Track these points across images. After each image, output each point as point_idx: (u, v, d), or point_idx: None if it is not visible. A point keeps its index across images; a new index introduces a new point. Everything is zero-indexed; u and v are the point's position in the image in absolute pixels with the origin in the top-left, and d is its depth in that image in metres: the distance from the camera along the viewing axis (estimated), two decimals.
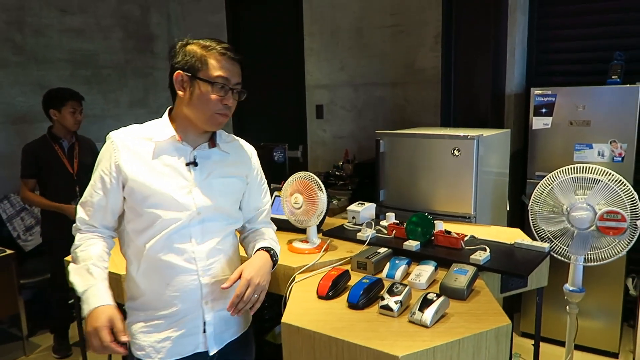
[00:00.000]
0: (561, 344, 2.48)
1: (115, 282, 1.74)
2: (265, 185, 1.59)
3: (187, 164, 1.34)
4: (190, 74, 1.29)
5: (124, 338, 1.20)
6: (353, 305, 1.40)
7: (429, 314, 1.28)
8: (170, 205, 1.30)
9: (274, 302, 2.54)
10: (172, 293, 1.33)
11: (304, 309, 1.42)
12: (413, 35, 3.50)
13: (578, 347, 2.84)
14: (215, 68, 1.29)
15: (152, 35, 4.55)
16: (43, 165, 2.88)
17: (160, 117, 1.39)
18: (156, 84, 4.59)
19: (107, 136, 1.33)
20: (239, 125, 4.51)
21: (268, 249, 1.44)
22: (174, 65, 1.31)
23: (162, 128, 1.34)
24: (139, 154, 1.30)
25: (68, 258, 1.96)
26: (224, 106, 1.31)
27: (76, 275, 1.28)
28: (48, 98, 2.90)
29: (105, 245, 1.35)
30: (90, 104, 4.03)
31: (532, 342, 2.14)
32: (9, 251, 2.95)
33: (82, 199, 1.34)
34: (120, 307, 1.74)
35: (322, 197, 1.81)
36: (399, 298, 1.36)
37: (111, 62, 4.22)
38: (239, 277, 1.32)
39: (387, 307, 1.35)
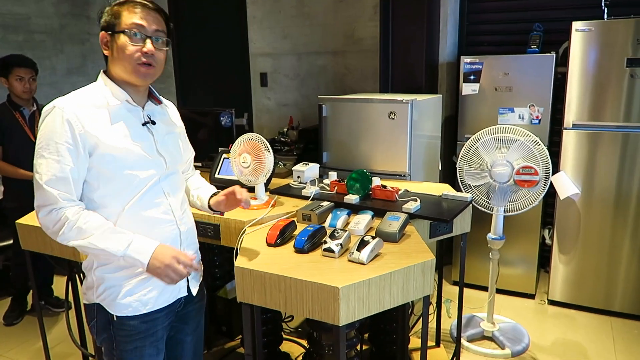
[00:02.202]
0: (486, 289, 2.78)
1: None
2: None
3: (144, 124, 1.39)
4: (110, 32, 1.32)
5: (195, 257, 1.40)
6: (299, 249, 1.56)
7: (365, 253, 1.46)
8: (144, 164, 1.36)
9: (224, 260, 2.68)
10: None
11: (254, 255, 1.55)
12: (353, 5, 3.63)
13: (500, 291, 3.19)
14: (129, 17, 1.31)
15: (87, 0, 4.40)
16: (5, 132, 2.83)
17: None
18: (94, 51, 4.46)
19: (54, 107, 1.28)
20: (184, 92, 4.50)
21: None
22: (100, 29, 1.35)
23: (112, 92, 1.35)
24: (99, 121, 1.30)
25: (21, 221, 1.99)
26: (143, 55, 1.31)
27: (106, 241, 1.28)
28: None
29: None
30: None
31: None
32: None
33: (50, 177, 1.27)
34: (71, 264, 1.80)
35: (269, 156, 1.94)
36: (340, 241, 1.53)
37: (45, 27, 4.06)
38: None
39: (329, 250, 1.52)
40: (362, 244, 1.49)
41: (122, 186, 1.34)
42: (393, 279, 1.41)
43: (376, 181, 2.09)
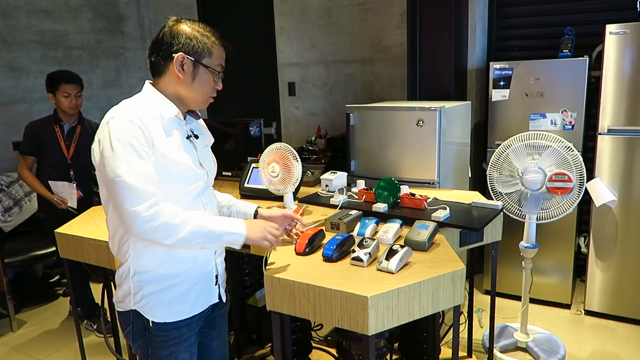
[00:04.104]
0: (519, 298, 2.72)
1: (105, 249, 1.87)
2: None
3: (188, 137, 1.45)
4: (193, 59, 1.38)
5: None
6: (327, 258, 1.56)
7: (394, 262, 1.45)
8: (190, 176, 1.41)
9: (254, 269, 2.70)
10: (192, 254, 1.44)
11: (284, 264, 1.56)
12: (380, 13, 3.64)
13: (534, 301, 3.11)
14: (219, 58, 1.43)
15: (121, 16, 4.55)
16: (42, 145, 2.91)
17: (134, 94, 1.43)
18: (128, 65, 4.61)
19: (117, 117, 1.30)
20: (214, 103, 4.58)
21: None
22: (174, 47, 1.37)
23: (165, 106, 1.39)
24: (156, 131, 1.34)
25: (60, 230, 2.07)
26: (215, 90, 1.47)
27: (207, 224, 1.37)
28: (46, 81, 2.90)
29: None
30: None
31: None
32: None
33: (138, 176, 1.27)
34: (106, 272, 1.86)
35: (297, 165, 1.96)
36: (368, 250, 1.53)
37: (81, 42, 4.22)
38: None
39: (357, 259, 1.52)
40: (391, 252, 1.49)
41: (172, 197, 1.36)
42: (423, 289, 1.40)
43: (405, 189, 2.08)
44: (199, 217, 1.36)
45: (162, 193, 1.32)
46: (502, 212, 2.02)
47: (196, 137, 1.49)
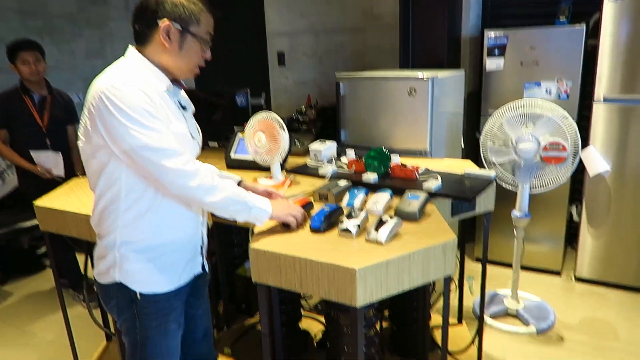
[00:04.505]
0: (510, 266, 2.71)
1: (87, 222, 1.81)
2: None
3: (178, 108, 1.41)
4: (180, 27, 1.31)
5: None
6: (315, 229, 1.51)
7: (383, 233, 1.41)
8: (188, 147, 1.39)
9: (242, 240, 2.67)
10: (182, 224, 1.43)
11: (269, 236, 1.52)
12: None
13: (525, 268, 3.12)
14: (207, 26, 1.36)
15: None
16: (13, 117, 2.83)
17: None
18: (112, 35, 4.46)
19: (113, 85, 1.22)
20: (201, 74, 4.47)
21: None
22: (159, 14, 1.29)
23: (159, 77, 1.35)
24: (155, 100, 1.30)
25: (39, 203, 2.01)
26: (203, 59, 1.41)
27: (241, 195, 1.41)
28: (6, 53, 2.80)
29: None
30: None
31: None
32: None
33: (164, 136, 1.25)
34: (90, 243, 1.81)
35: (284, 135, 1.89)
36: (357, 221, 1.49)
37: (62, 12, 4.06)
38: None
39: (346, 230, 1.48)
40: (381, 223, 1.44)
41: None
42: (412, 260, 1.37)
43: (395, 159, 2.03)
44: (233, 185, 1.40)
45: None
46: (495, 182, 1.98)
47: (184, 108, 1.45)
